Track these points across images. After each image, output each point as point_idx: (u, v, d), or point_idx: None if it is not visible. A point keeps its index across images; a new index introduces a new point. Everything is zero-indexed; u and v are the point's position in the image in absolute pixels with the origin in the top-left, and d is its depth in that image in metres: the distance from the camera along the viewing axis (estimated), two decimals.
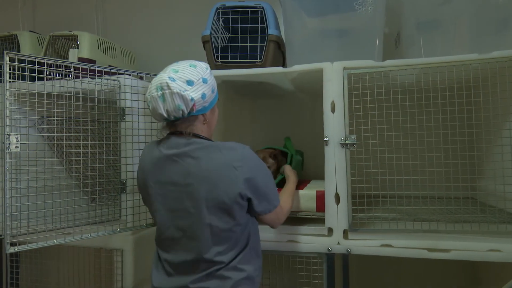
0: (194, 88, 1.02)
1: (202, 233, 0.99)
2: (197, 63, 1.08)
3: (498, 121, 1.20)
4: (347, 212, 1.25)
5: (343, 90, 1.26)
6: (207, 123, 1.10)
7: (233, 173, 0.98)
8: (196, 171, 0.99)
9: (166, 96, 1.00)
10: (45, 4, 2.45)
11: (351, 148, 1.25)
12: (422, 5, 1.41)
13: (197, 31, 1.62)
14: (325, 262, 1.29)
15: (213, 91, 1.09)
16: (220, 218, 0.99)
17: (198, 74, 1.05)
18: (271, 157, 1.51)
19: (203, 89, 1.04)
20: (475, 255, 1.15)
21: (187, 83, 1.02)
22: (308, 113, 1.93)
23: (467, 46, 1.32)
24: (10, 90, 1.20)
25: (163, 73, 1.05)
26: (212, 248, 1.00)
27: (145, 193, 1.10)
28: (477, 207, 1.26)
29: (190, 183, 0.99)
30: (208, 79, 1.07)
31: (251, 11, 1.52)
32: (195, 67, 1.07)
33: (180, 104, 1.00)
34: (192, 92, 1.01)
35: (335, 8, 1.42)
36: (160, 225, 1.06)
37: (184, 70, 1.04)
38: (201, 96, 1.03)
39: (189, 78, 1.03)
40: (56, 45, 1.81)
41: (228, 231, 1.01)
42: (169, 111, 1.01)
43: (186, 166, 1.00)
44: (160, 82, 1.02)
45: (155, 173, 1.05)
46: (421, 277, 1.75)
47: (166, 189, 1.03)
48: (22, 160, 1.28)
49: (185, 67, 1.05)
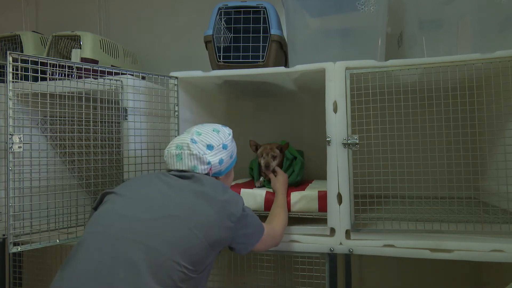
0: (213, 153, 1.07)
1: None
2: (220, 129, 1.13)
3: (501, 121, 1.19)
4: (349, 212, 1.25)
5: (346, 90, 1.26)
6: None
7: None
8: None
9: (184, 156, 1.04)
10: (48, 4, 2.46)
11: (353, 148, 1.25)
12: (424, 4, 1.40)
13: (199, 31, 1.62)
14: (327, 262, 1.29)
15: (231, 156, 1.14)
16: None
17: (220, 139, 1.09)
18: (277, 149, 1.56)
19: (221, 155, 1.09)
20: (478, 256, 1.15)
21: (207, 147, 1.06)
22: (310, 113, 1.93)
23: (469, 46, 1.31)
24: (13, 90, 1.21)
25: (186, 134, 1.09)
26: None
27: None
28: (480, 207, 1.26)
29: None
30: (228, 145, 1.12)
31: (253, 11, 1.52)
32: (218, 132, 1.11)
33: (196, 165, 1.04)
34: (210, 156, 1.06)
35: (337, 8, 1.42)
36: None
37: (207, 134, 1.09)
38: (218, 161, 1.08)
39: (210, 143, 1.07)
40: (59, 45, 1.81)
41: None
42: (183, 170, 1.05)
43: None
44: (181, 141, 1.06)
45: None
46: (424, 278, 1.75)
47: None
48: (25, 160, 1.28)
49: (209, 132, 1.10)
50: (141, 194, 0.98)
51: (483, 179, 1.41)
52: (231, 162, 1.16)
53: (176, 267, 0.85)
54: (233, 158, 1.16)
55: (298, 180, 1.55)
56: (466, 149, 1.20)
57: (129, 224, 0.89)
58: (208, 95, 1.77)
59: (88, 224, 0.94)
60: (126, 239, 0.86)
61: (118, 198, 0.97)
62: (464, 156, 1.20)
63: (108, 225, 0.90)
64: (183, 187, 0.99)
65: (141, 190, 0.99)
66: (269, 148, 1.56)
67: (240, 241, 1.03)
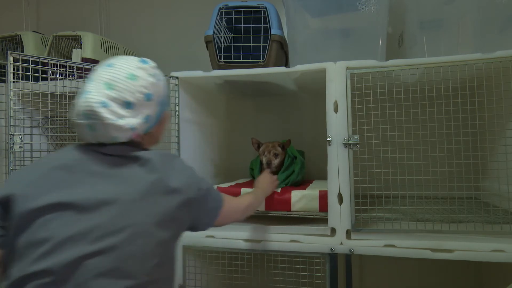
0: (134, 112, 0.81)
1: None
2: (138, 72, 0.83)
3: (502, 121, 1.19)
4: (350, 212, 1.25)
5: (346, 90, 1.26)
6: (152, 137, 0.93)
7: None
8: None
9: (97, 127, 0.78)
10: (48, 4, 2.46)
11: (354, 148, 1.25)
12: (425, 4, 1.40)
13: (200, 31, 1.63)
14: (328, 262, 1.28)
15: (161, 103, 0.88)
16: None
17: (140, 89, 0.82)
18: (279, 147, 1.57)
19: (146, 110, 0.84)
20: (478, 256, 1.14)
21: (124, 106, 0.80)
22: (311, 113, 1.93)
23: (470, 46, 1.31)
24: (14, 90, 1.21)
25: (94, 88, 0.79)
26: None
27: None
28: (481, 207, 1.26)
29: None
30: (153, 94, 0.84)
31: (254, 11, 1.52)
32: (135, 78, 0.82)
33: (117, 136, 0.80)
34: (131, 118, 0.81)
35: (338, 8, 1.42)
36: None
37: (121, 86, 0.80)
38: (143, 120, 0.83)
39: (126, 99, 0.80)
40: (60, 45, 1.81)
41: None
42: (100, 140, 0.82)
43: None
44: (88, 107, 0.77)
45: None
46: (424, 278, 1.75)
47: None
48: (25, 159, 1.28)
49: (122, 81, 0.80)
50: (78, 203, 0.73)
51: (484, 179, 1.41)
52: (163, 107, 0.90)
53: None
54: (164, 103, 0.90)
55: (299, 180, 1.55)
56: (467, 149, 1.20)
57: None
58: (209, 95, 1.77)
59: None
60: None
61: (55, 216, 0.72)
62: (465, 156, 1.20)
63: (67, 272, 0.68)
64: (133, 181, 0.78)
65: (74, 194, 0.74)
66: (271, 146, 1.56)
67: (203, 221, 0.92)
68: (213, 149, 1.83)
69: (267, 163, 1.53)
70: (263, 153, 1.57)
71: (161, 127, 0.95)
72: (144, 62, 0.87)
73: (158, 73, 0.89)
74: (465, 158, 1.19)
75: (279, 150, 1.56)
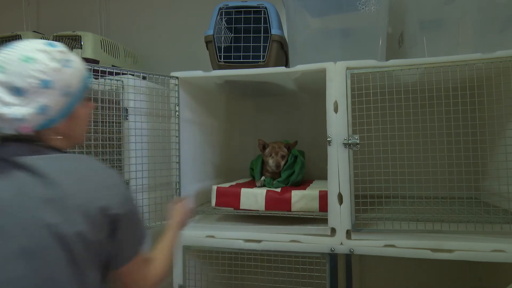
0: (25, 100, 0.68)
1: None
2: (36, 54, 0.70)
3: (502, 121, 1.19)
4: (350, 212, 1.25)
5: (346, 90, 1.26)
6: (64, 135, 0.77)
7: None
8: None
9: None
10: (49, 4, 2.46)
11: (354, 148, 1.25)
12: (425, 4, 1.40)
13: (200, 31, 1.63)
14: (328, 262, 1.28)
15: (70, 95, 0.74)
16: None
17: (35, 74, 0.68)
18: (285, 147, 1.58)
19: (42, 100, 0.69)
20: (478, 256, 1.14)
21: (13, 92, 0.67)
22: (311, 113, 1.93)
23: (470, 46, 1.31)
24: None
25: None
26: None
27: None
28: (481, 207, 1.26)
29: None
30: (53, 81, 0.70)
31: (254, 11, 1.52)
32: (30, 61, 0.69)
33: (2, 126, 0.68)
34: (19, 107, 0.67)
35: (338, 8, 1.42)
36: None
37: (11, 69, 0.68)
38: (37, 110, 0.69)
39: (15, 84, 0.67)
40: None
41: None
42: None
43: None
44: None
45: None
46: (424, 278, 1.75)
47: None
48: None
49: (14, 63, 0.68)
50: None
51: (484, 179, 1.41)
52: (73, 99, 0.75)
53: None
54: (73, 94, 0.74)
55: (299, 180, 1.55)
56: (467, 149, 1.20)
57: None
58: (209, 95, 1.77)
59: None
60: None
61: None
62: (465, 156, 1.20)
63: None
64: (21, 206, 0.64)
65: None
66: (277, 147, 1.57)
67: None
68: (213, 149, 1.83)
69: (276, 165, 1.54)
70: (270, 154, 1.57)
71: (74, 124, 0.78)
72: (50, 45, 0.73)
73: (70, 59, 0.75)
74: (465, 158, 1.19)
75: (286, 152, 1.57)
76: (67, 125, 0.76)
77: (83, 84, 0.78)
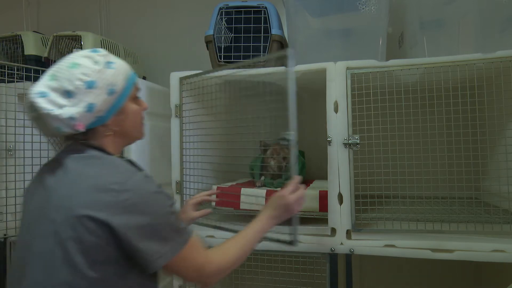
0: (74, 101, 0.76)
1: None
2: (81, 60, 0.79)
3: (502, 121, 1.19)
4: (350, 212, 1.25)
5: (346, 90, 1.26)
6: (115, 132, 0.85)
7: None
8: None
9: (39, 120, 0.77)
10: (49, 4, 2.46)
11: (354, 148, 1.25)
12: (426, 4, 1.40)
13: (200, 31, 1.63)
14: (328, 262, 1.28)
15: (111, 92, 0.80)
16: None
17: (81, 77, 0.77)
18: (286, 148, 1.54)
19: (89, 98, 0.77)
20: (479, 256, 1.14)
21: (66, 95, 0.76)
22: (311, 113, 1.92)
23: (471, 46, 1.31)
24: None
25: (41, 80, 0.78)
26: None
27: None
28: (481, 207, 1.26)
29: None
30: (97, 81, 0.78)
31: (254, 11, 1.52)
32: (76, 67, 0.78)
33: (58, 126, 0.76)
34: (70, 107, 0.76)
35: (338, 8, 1.42)
36: None
37: (62, 75, 0.77)
38: (85, 109, 0.77)
39: (66, 88, 0.76)
40: (60, 45, 1.81)
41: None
42: (49, 136, 0.82)
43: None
44: (28, 99, 0.76)
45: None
46: (424, 278, 1.75)
47: None
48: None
49: (64, 71, 0.78)
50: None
51: (484, 179, 1.40)
52: (118, 98, 0.82)
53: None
54: (118, 92, 0.81)
55: None
56: (467, 149, 1.20)
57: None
58: (209, 95, 1.77)
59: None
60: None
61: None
62: (465, 156, 1.20)
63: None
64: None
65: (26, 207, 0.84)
66: (279, 148, 1.55)
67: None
68: (213, 149, 1.83)
69: (278, 167, 1.51)
70: (271, 156, 1.55)
71: (124, 120, 0.85)
72: (93, 51, 0.82)
73: (111, 61, 0.82)
74: (465, 158, 1.19)
75: (287, 153, 1.54)
76: (117, 122, 0.84)
77: (128, 82, 0.84)
